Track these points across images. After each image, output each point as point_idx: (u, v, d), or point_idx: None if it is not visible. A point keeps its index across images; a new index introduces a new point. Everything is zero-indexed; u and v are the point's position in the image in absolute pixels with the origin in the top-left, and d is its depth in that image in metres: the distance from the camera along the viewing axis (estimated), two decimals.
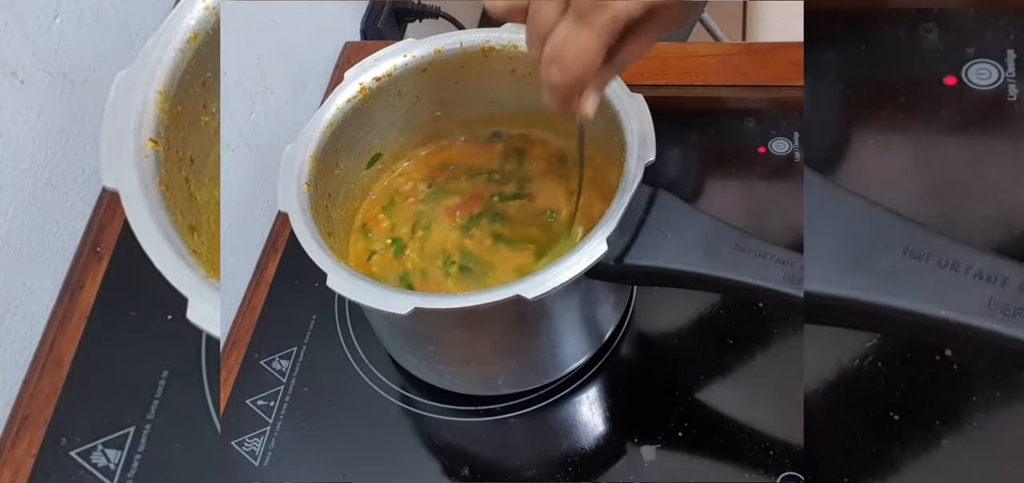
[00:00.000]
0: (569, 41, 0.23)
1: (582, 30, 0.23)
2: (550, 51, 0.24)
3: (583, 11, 0.23)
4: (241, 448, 0.35)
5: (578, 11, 0.23)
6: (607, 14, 0.22)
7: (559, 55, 0.24)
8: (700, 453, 0.32)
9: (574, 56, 0.23)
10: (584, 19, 0.23)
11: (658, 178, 0.32)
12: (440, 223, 0.36)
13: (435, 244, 0.36)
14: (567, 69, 0.24)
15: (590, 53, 0.23)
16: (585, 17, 0.23)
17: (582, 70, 0.24)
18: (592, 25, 0.23)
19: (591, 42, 0.23)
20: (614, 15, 0.22)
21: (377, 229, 0.37)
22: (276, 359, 0.38)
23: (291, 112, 0.44)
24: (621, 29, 0.23)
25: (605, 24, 0.23)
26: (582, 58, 0.23)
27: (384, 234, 0.37)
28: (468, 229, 0.36)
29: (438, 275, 0.35)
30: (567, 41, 0.23)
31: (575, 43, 0.23)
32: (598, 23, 0.23)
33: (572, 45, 0.23)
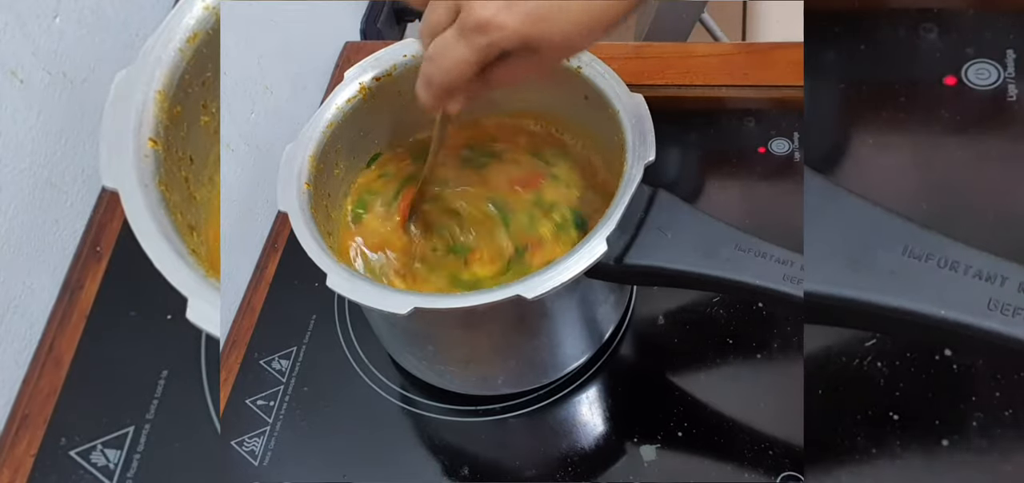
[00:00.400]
0: (449, 49, 0.26)
1: (461, 45, 0.25)
2: (431, 50, 0.26)
3: (465, 28, 0.25)
4: (241, 448, 0.35)
5: (461, 26, 0.25)
6: (485, 39, 0.25)
7: (438, 58, 0.26)
8: (700, 453, 0.32)
9: (450, 64, 0.26)
10: (465, 36, 0.25)
11: (658, 178, 0.32)
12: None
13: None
14: (441, 73, 0.26)
15: (464, 65, 0.25)
16: (466, 34, 0.25)
17: (454, 79, 0.26)
18: (471, 44, 0.25)
19: (467, 57, 0.25)
20: (491, 41, 0.25)
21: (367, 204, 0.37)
22: (276, 359, 0.38)
23: (291, 112, 0.44)
24: (495, 55, 0.25)
25: (481, 46, 0.25)
26: (456, 67, 0.26)
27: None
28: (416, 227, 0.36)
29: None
30: (447, 48, 0.26)
31: (453, 53, 0.25)
32: (476, 43, 0.25)
33: (451, 54, 0.25)
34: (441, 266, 0.35)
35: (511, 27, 0.24)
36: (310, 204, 0.32)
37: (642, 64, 0.43)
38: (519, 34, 0.24)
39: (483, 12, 0.24)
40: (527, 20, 0.24)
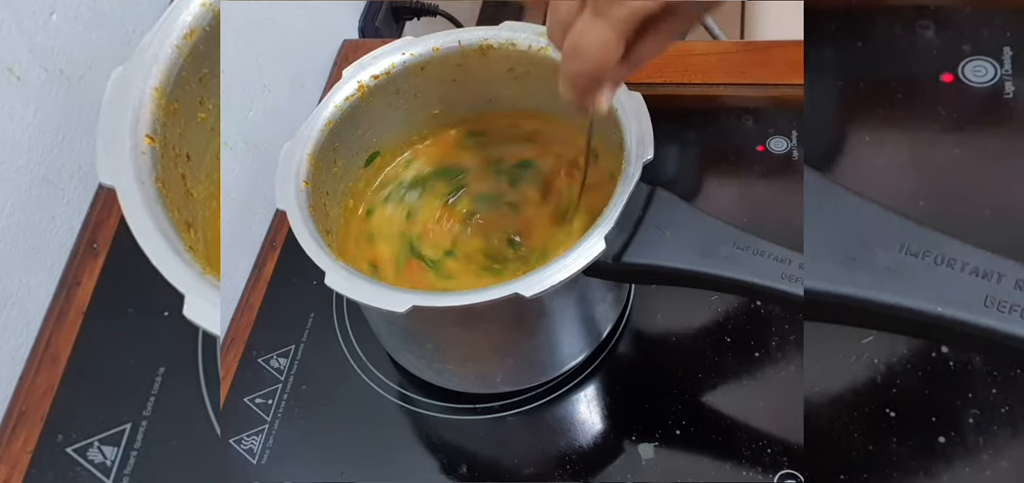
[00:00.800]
0: (587, 34, 0.24)
1: (600, 23, 0.23)
2: (570, 43, 0.25)
3: (601, 5, 0.23)
4: (239, 446, 0.35)
5: (596, 5, 0.23)
6: (625, 9, 0.23)
7: (578, 47, 0.24)
8: (698, 451, 0.32)
9: (593, 49, 0.24)
10: (602, 13, 0.23)
11: (656, 176, 0.32)
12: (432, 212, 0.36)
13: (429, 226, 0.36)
14: (585, 61, 0.24)
15: (608, 46, 0.24)
16: (603, 11, 0.23)
17: (600, 62, 0.24)
18: (610, 19, 0.23)
19: (609, 35, 0.24)
20: (632, 10, 0.23)
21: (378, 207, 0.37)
22: (274, 357, 0.38)
23: (289, 110, 0.44)
24: (638, 24, 0.24)
25: (623, 18, 0.23)
26: (600, 51, 0.24)
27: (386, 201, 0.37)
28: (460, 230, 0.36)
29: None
30: (585, 33, 0.24)
31: (593, 36, 0.24)
32: (616, 17, 0.23)
33: (591, 38, 0.24)
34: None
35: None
36: (308, 202, 0.32)
37: None
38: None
39: None
40: None
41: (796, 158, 0.40)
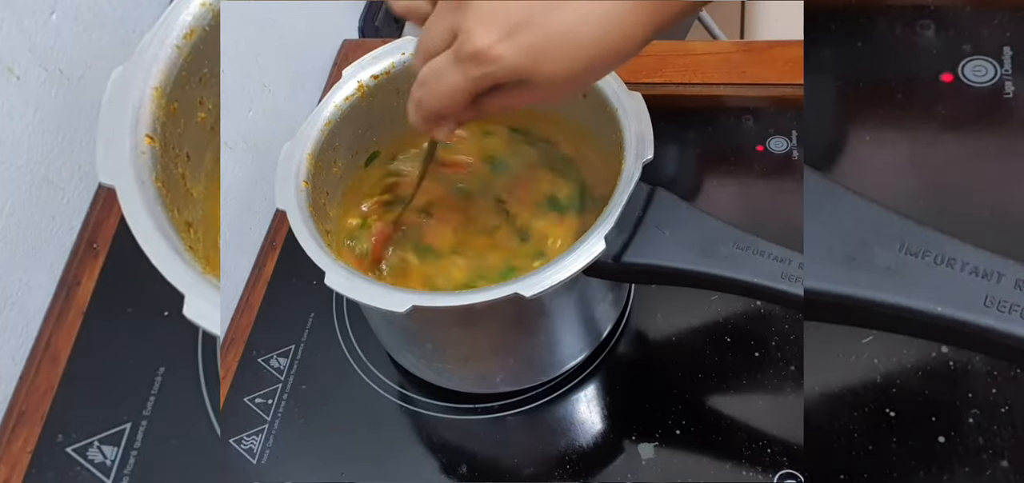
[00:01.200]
0: (443, 76, 0.25)
1: (456, 73, 0.24)
2: (424, 74, 0.26)
3: (461, 56, 0.24)
4: (239, 446, 0.35)
5: (457, 53, 0.24)
6: (480, 70, 0.24)
7: (430, 83, 0.25)
8: (698, 451, 0.32)
9: (442, 91, 0.25)
10: (460, 63, 0.24)
11: (656, 176, 0.32)
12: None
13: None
14: (432, 98, 0.25)
15: (457, 95, 0.25)
16: (461, 62, 0.24)
17: (445, 106, 0.25)
18: (465, 73, 0.24)
19: (460, 86, 0.24)
20: (486, 73, 0.24)
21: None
22: (274, 357, 0.38)
23: (289, 110, 0.44)
24: (490, 87, 0.25)
25: (475, 78, 0.24)
26: (448, 96, 0.25)
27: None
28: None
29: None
30: (441, 75, 0.25)
31: (446, 80, 0.25)
32: (470, 74, 0.24)
33: (444, 81, 0.25)
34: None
35: (508, 61, 0.23)
36: (308, 202, 0.32)
37: (640, 62, 0.43)
38: (516, 68, 0.23)
39: (481, 41, 0.23)
40: (526, 55, 0.23)
41: (796, 158, 0.40)
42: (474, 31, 0.23)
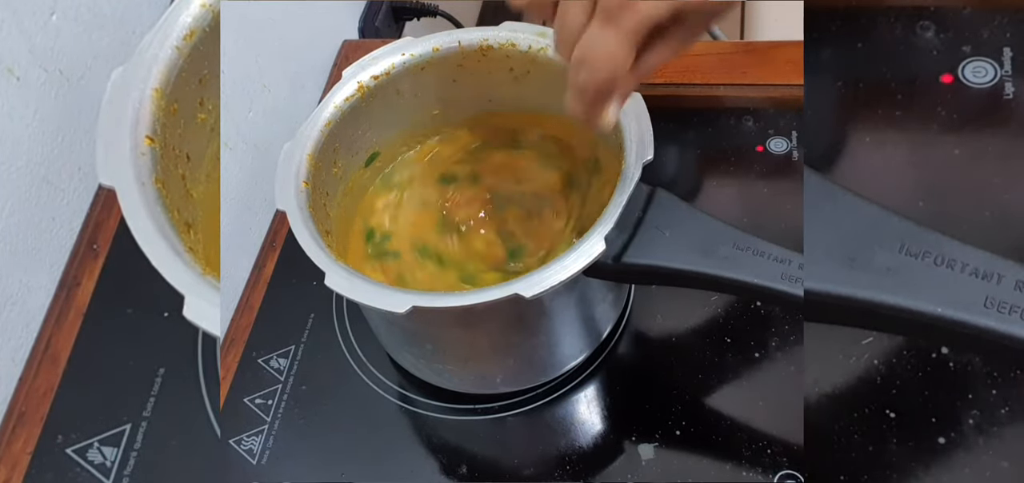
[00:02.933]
0: (597, 44, 0.23)
1: (610, 32, 0.23)
2: (579, 53, 0.24)
3: (611, 13, 0.23)
4: (239, 446, 0.35)
5: (605, 13, 0.23)
6: (635, 17, 0.22)
7: (587, 58, 0.24)
8: (698, 452, 0.32)
9: (603, 59, 0.23)
10: (612, 21, 0.23)
11: (656, 177, 0.32)
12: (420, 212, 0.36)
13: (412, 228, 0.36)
14: (595, 72, 0.24)
15: (619, 55, 0.23)
16: (612, 19, 0.23)
17: (611, 72, 0.24)
18: (620, 27, 0.23)
19: (620, 44, 0.23)
20: (642, 18, 0.22)
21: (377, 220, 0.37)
22: (274, 357, 0.38)
23: (289, 111, 0.44)
24: (649, 31, 0.23)
25: (633, 27, 0.23)
26: (611, 60, 0.23)
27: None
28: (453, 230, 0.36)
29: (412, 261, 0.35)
30: (595, 44, 0.23)
31: (604, 45, 0.23)
32: (626, 25, 0.23)
33: (601, 47, 0.23)
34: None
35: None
36: (308, 202, 0.32)
37: None
38: (671, 1, 0.22)
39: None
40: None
41: (796, 158, 0.40)
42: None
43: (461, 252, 0.36)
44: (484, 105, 0.39)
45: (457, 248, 0.36)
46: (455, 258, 0.35)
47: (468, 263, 0.35)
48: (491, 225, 0.36)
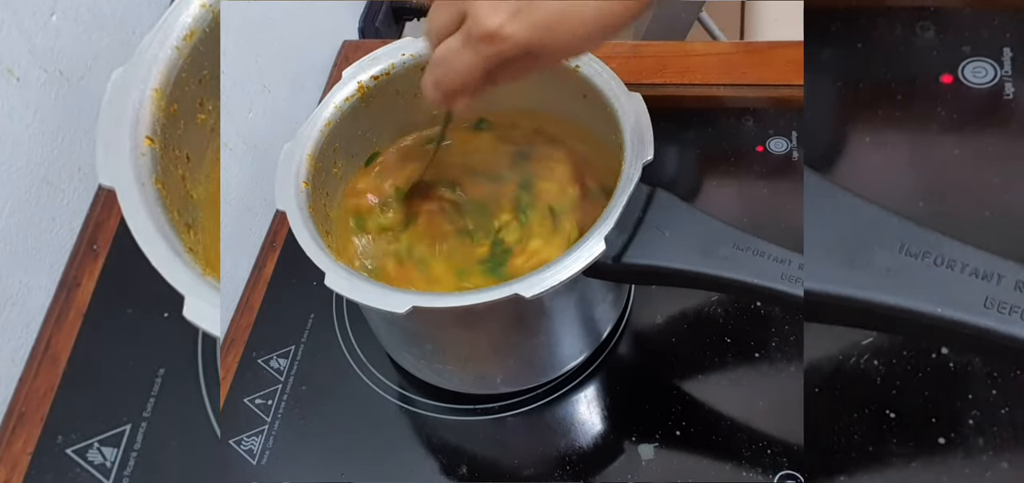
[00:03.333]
0: (457, 57, 0.26)
1: (469, 54, 0.26)
2: (438, 55, 0.27)
3: (472, 37, 0.25)
4: (239, 447, 0.35)
5: (467, 36, 0.26)
6: (492, 49, 0.25)
7: (445, 61, 0.27)
8: (698, 452, 0.32)
9: (457, 71, 0.26)
10: (471, 44, 0.25)
11: (656, 177, 0.32)
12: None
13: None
14: (449, 77, 0.27)
15: (472, 74, 0.26)
16: (473, 43, 0.25)
17: (462, 83, 0.27)
18: (478, 53, 0.25)
19: (475, 65, 0.26)
20: (497, 51, 0.25)
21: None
22: (274, 358, 0.38)
23: (289, 111, 0.44)
24: (502, 63, 0.26)
25: (488, 56, 0.25)
26: (463, 76, 0.26)
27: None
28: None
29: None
30: (455, 55, 0.26)
31: (460, 61, 0.26)
32: (482, 53, 0.25)
33: (458, 62, 0.26)
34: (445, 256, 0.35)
35: (518, 38, 0.25)
36: (308, 203, 0.32)
37: (640, 63, 0.43)
38: (526, 44, 0.25)
39: (490, 21, 0.25)
40: (534, 31, 0.25)
41: (796, 159, 0.40)
42: (483, 13, 0.25)
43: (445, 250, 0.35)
44: (484, 105, 0.39)
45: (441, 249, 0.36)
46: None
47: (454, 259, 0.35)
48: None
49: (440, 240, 0.35)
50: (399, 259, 0.35)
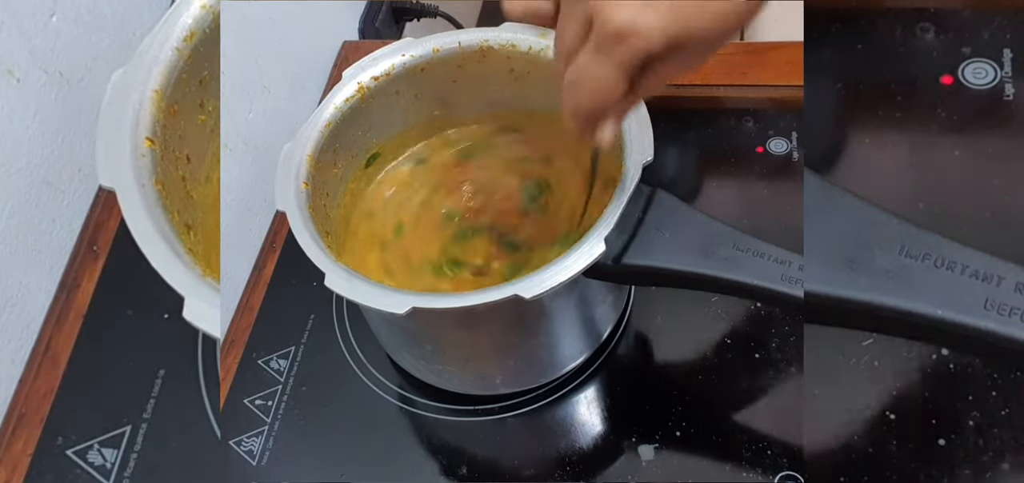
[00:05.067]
0: (590, 71, 0.23)
1: (603, 62, 0.23)
2: (572, 76, 0.24)
3: (603, 43, 0.22)
4: (239, 447, 0.35)
5: (599, 42, 0.22)
6: (628, 50, 0.22)
7: (579, 82, 0.24)
8: (698, 453, 0.32)
9: (594, 85, 0.23)
10: (604, 51, 0.22)
11: (656, 177, 0.32)
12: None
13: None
14: (586, 97, 0.24)
15: (609, 86, 0.23)
16: (605, 49, 0.22)
17: (601, 102, 0.24)
18: (612, 58, 0.22)
19: (611, 75, 0.23)
20: (635, 51, 0.22)
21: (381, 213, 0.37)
22: (274, 358, 0.38)
23: (289, 111, 0.44)
24: (642, 64, 0.23)
25: (626, 60, 0.22)
26: (601, 91, 0.23)
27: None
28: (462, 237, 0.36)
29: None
30: (588, 70, 0.23)
31: (595, 74, 0.23)
32: (619, 57, 0.22)
33: (592, 76, 0.23)
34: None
35: (656, 28, 0.21)
36: (308, 203, 0.32)
37: None
38: (665, 35, 0.22)
39: (621, 16, 0.21)
40: (671, 18, 0.21)
41: (796, 159, 0.40)
42: (610, 10, 0.21)
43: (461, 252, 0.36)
44: (484, 106, 0.39)
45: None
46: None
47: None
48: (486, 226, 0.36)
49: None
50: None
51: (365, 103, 0.36)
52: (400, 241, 0.36)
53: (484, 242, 0.36)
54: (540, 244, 0.35)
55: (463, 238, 0.36)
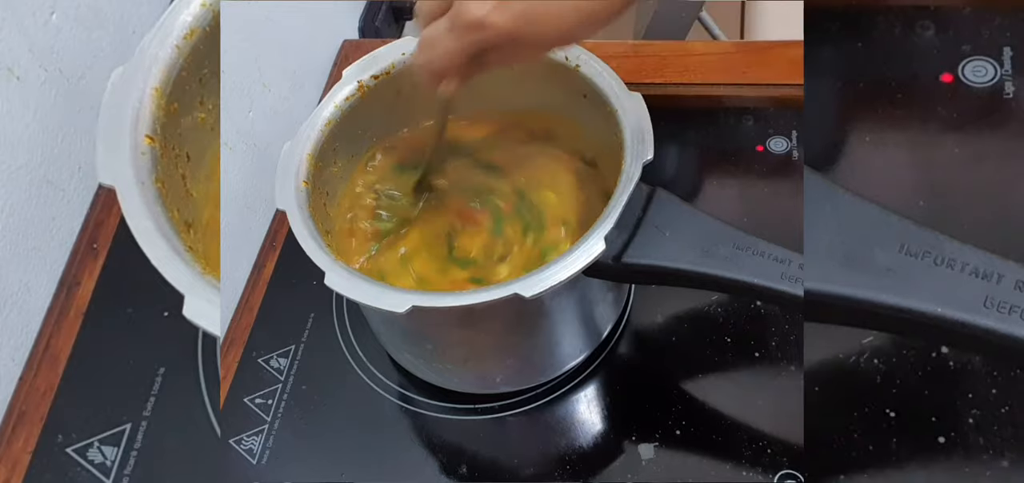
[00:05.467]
0: (442, 40, 0.27)
1: (453, 38, 0.27)
2: (425, 38, 0.28)
3: (457, 24, 0.26)
4: (239, 446, 0.35)
5: (453, 21, 0.26)
6: (475, 36, 0.26)
7: (432, 45, 0.27)
8: (698, 451, 0.32)
9: (442, 53, 0.27)
10: (456, 30, 0.26)
11: (656, 176, 0.32)
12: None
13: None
14: (435, 60, 0.28)
15: (454, 57, 0.27)
16: (457, 29, 0.26)
17: (447, 67, 0.28)
18: (461, 39, 0.26)
19: (459, 50, 0.27)
20: (480, 39, 0.26)
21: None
22: (274, 357, 0.38)
23: (289, 110, 0.44)
24: (484, 50, 0.27)
25: (471, 42, 0.26)
26: (448, 58, 0.27)
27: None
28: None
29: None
30: (441, 40, 0.27)
31: (446, 45, 0.27)
32: (465, 40, 0.26)
33: (444, 46, 0.27)
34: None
35: (501, 27, 0.25)
36: (308, 202, 0.32)
37: (640, 62, 0.44)
38: (508, 33, 0.26)
39: (476, 12, 0.25)
40: (517, 21, 0.25)
41: (796, 158, 0.40)
42: (468, 2, 0.25)
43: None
44: (484, 104, 0.39)
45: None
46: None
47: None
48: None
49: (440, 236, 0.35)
50: (404, 260, 0.35)
51: (365, 102, 0.36)
52: (398, 241, 0.36)
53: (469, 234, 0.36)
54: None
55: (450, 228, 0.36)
